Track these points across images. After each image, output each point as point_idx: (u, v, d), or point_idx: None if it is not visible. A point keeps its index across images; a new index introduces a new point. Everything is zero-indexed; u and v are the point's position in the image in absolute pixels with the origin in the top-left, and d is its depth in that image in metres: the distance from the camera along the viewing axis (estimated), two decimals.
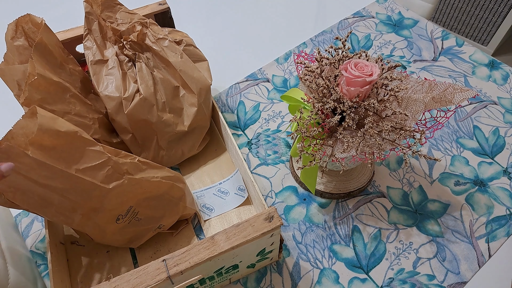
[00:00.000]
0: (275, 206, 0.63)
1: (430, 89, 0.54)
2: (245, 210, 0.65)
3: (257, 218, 0.47)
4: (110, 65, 0.61)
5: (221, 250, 0.44)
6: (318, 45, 0.91)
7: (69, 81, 0.59)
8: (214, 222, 0.64)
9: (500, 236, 0.62)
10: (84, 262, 0.59)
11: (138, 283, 0.42)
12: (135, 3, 0.74)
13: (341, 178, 0.66)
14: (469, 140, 0.73)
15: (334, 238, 0.62)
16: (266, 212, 0.48)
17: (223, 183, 0.67)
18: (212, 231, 0.63)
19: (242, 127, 0.77)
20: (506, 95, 0.80)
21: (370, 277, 0.59)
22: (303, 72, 0.56)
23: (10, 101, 0.73)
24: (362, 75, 0.49)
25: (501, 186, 0.67)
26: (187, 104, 0.65)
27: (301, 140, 0.53)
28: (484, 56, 0.87)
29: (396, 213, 0.64)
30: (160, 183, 0.53)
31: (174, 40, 0.65)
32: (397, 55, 0.88)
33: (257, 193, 0.57)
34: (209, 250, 0.44)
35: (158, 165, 0.55)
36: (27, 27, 0.58)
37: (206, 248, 0.45)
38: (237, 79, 0.85)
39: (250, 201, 0.66)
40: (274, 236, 0.49)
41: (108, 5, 0.63)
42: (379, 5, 1.00)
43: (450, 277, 0.58)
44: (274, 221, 0.47)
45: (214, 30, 0.97)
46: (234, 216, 0.64)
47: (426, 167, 0.70)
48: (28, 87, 0.52)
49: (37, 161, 0.42)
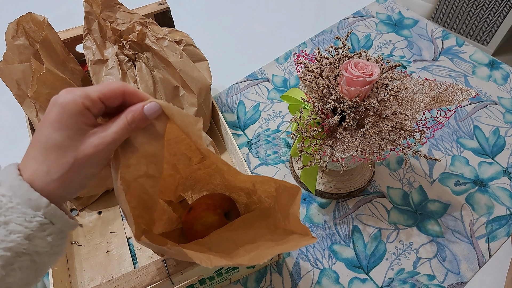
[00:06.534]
0: None
1: (430, 89, 0.54)
2: None
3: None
4: (110, 65, 0.61)
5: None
6: (318, 45, 0.91)
7: (71, 79, 0.59)
8: None
9: (500, 236, 0.62)
10: (84, 262, 0.59)
11: (138, 283, 0.42)
12: (135, 3, 0.74)
13: (341, 178, 0.66)
14: (469, 140, 0.73)
15: (334, 238, 0.62)
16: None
17: None
18: None
19: (242, 127, 0.77)
20: (507, 95, 0.80)
21: (370, 277, 0.58)
22: (303, 72, 0.56)
23: (9, 101, 0.73)
24: (362, 75, 0.49)
25: (501, 186, 0.67)
26: (187, 104, 0.65)
27: (301, 140, 0.53)
28: (484, 56, 0.86)
29: (396, 213, 0.64)
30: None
31: (174, 40, 0.65)
32: (397, 55, 0.88)
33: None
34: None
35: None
36: (28, 26, 0.58)
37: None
38: (237, 79, 0.85)
39: None
40: None
41: (108, 4, 0.63)
42: (379, 4, 1.00)
43: (450, 277, 0.58)
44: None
45: (214, 30, 0.97)
46: None
47: (426, 167, 0.70)
48: (37, 81, 0.52)
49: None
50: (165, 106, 0.34)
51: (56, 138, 0.30)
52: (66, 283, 0.55)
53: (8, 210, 0.29)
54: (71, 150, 0.30)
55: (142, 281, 0.43)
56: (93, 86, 0.32)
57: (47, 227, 0.30)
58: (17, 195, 0.29)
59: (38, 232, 0.30)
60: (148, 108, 0.33)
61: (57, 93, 0.31)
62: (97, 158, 0.32)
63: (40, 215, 0.29)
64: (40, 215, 0.29)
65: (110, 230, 0.62)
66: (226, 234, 0.43)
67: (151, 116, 0.34)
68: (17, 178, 0.30)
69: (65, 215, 0.31)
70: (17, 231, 0.29)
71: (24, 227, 0.29)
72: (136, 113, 0.33)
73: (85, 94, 0.31)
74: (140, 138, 0.34)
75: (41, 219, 0.30)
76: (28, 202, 0.29)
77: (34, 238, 0.29)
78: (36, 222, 0.29)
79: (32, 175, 0.30)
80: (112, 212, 0.64)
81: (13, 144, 0.76)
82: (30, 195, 0.29)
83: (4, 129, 0.79)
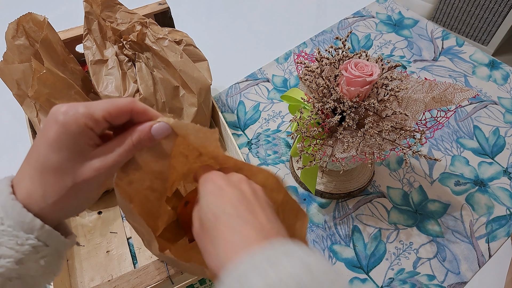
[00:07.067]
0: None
1: (430, 89, 0.54)
2: None
3: None
4: (110, 65, 0.61)
5: None
6: (318, 45, 0.91)
7: (72, 79, 0.59)
8: None
9: (500, 236, 0.62)
10: (84, 262, 0.59)
11: (138, 283, 0.42)
12: (135, 3, 0.74)
13: (341, 178, 0.66)
14: (469, 140, 0.73)
15: (334, 238, 0.62)
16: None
17: None
18: None
19: (242, 127, 0.77)
20: (506, 95, 0.80)
21: (370, 277, 0.58)
22: (303, 72, 0.56)
23: (10, 101, 0.73)
24: (362, 75, 0.49)
25: (501, 186, 0.67)
26: (187, 104, 0.65)
27: (301, 140, 0.53)
28: (484, 56, 0.86)
29: (396, 213, 0.64)
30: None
31: (174, 40, 0.65)
32: (397, 55, 0.88)
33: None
34: None
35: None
36: (28, 26, 0.58)
37: None
38: (237, 79, 0.85)
39: None
40: None
41: (108, 4, 0.63)
42: (379, 5, 1.00)
43: (450, 277, 0.58)
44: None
45: (214, 30, 0.97)
46: None
47: (426, 167, 0.70)
48: (37, 80, 0.52)
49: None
50: (177, 126, 0.32)
51: (55, 160, 0.28)
52: (66, 283, 0.55)
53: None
54: (69, 173, 0.28)
55: (142, 281, 0.43)
56: (98, 103, 0.30)
57: (40, 249, 0.28)
58: (9, 216, 0.27)
59: (31, 255, 0.28)
60: (156, 129, 0.31)
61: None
62: (97, 181, 0.30)
63: (33, 238, 0.27)
64: (33, 238, 0.27)
65: (110, 230, 0.62)
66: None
67: (159, 137, 0.31)
68: (9, 197, 0.27)
69: (60, 236, 0.29)
70: (7, 256, 0.27)
71: (15, 251, 0.27)
72: (143, 133, 0.31)
73: (88, 113, 0.28)
74: (145, 156, 0.32)
75: (34, 242, 0.27)
76: (21, 224, 0.27)
77: (26, 261, 0.27)
78: (29, 245, 0.27)
79: (27, 198, 0.28)
80: (112, 212, 0.64)
81: (13, 144, 0.76)
82: (23, 217, 0.27)
83: (4, 129, 0.79)
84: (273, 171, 0.38)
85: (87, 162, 0.29)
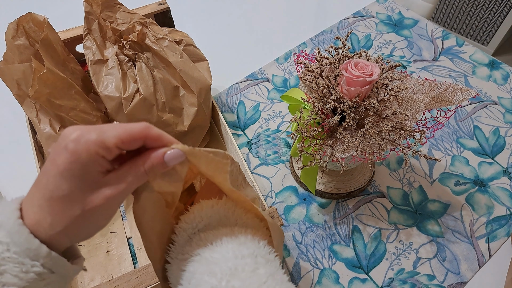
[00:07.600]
0: (275, 206, 0.63)
1: (431, 89, 0.54)
2: None
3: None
4: (110, 65, 0.61)
5: None
6: (318, 45, 0.91)
7: (72, 78, 0.59)
8: None
9: (500, 236, 0.62)
10: (84, 262, 0.59)
11: (138, 283, 0.42)
12: (135, 3, 0.74)
13: (341, 178, 0.66)
14: (469, 140, 0.73)
15: (334, 238, 0.62)
16: (266, 212, 0.48)
17: None
18: None
19: (242, 127, 0.77)
20: (506, 95, 0.80)
21: (370, 277, 0.58)
22: (303, 72, 0.56)
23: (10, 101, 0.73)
24: (362, 75, 0.49)
25: (501, 186, 0.67)
26: (187, 104, 0.65)
27: (301, 140, 0.53)
28: (484, 56, 0.86)
29: (396, 213, 0.64)
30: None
31: (174, 40, 0.65)
32: (397, 55, 0.88)
33: (257, 193, 0.57)
34: None
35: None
36: (28, 26, 0.58)
37: None
38: (237, 79, 0.85)
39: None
40: None
41: (108, 4, 0.63)
42: (379, 5, 1.00)
43: (450, 277, 0.58)
44: (274, 221, 0.47)
45: (214, 30, 0.97)
46: None
47: (426, 167, 0.70)
48: (37, 80, 0.52)
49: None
50: (191, 154, 0.31)
51: (65, 189, 0.27)
52: None
53: (4, 259, 0.26)
54: (79, 201, 0.28)
55: (142, 281, 0.43)
56: (111, 129, 0.29)
57: (46, 276, 0.27)
58: (16, 243, 0.26)
59: (35, 282, 0.27)
60: (170, 156, 0.30)
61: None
62: (107, 209, 0.29)
63: (38, 265, 0.27)
64: (39, 265, 0.27)
65: (110, 230, 0.62)
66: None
67: (172, 164, 0.31)
68: (17, 222, 0.27)
69: (67, 263, 0.29)
70: (11, 284, 0.26)
71: (19, 279, 0.26)
72: (156, 160, 0.30)
73: (100, 141, 0.28)
74: (158, 181, 0.32)
75: (39, 269, 0.27)
76: (27, 251, 0.27)
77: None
78: (33, 273, 0.27)
79: (35, 225, 0.27)
80: None
81: (13, 144, 0.76)
82: (30, 243, 0.27)
83: (4, 129, 0.79)
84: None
85: (97, 190, 0.28)
